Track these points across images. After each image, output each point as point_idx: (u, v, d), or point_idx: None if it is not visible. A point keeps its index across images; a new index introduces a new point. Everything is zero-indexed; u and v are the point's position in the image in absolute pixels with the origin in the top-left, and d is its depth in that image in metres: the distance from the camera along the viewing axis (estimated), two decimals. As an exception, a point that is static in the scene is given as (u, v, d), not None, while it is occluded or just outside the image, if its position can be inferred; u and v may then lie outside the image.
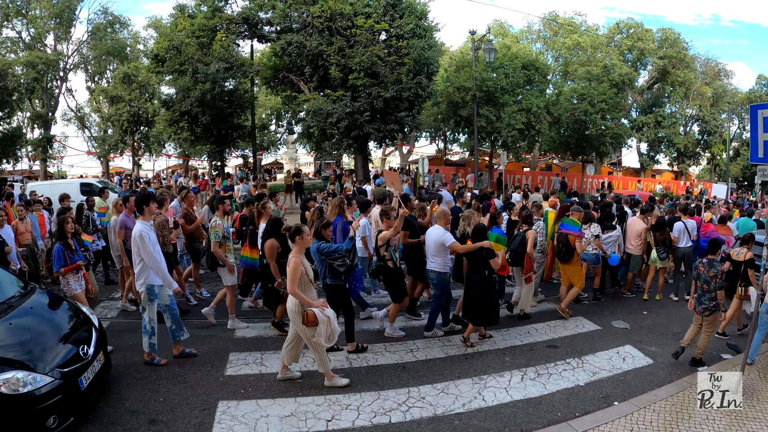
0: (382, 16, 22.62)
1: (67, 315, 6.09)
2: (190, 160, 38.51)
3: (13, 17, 35.57)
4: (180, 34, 23.71)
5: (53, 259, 6.92)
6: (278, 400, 5.75)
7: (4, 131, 31.38)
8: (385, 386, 6.11)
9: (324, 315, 5.64)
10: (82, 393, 5.18)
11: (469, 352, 7.14)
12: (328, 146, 23.09)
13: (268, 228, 7.39)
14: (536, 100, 25.62)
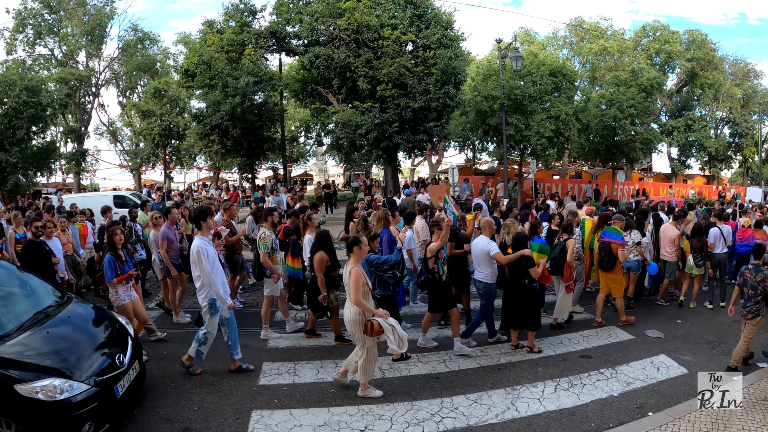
0: (408, 27, 22.71)
1: (103, 324, 6.20)
2: (220, 172, 39.03)
3: (46, 35, 36.60)
4: (209, 49, 24.14)
5: (104, 269, 7.02)
6: (311, 410, 5.78)
7: (39, 145, 32.05)
8: (418, 396, 6.10)
9: (388, 324, 5.70)
10: (117, 401, 5.28)
11: (502, 362, 7.09)
12: (357, 157, 23.22)
13: (317, 241, 7.45)
14: (564, 107, 25.36)
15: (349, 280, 5.74)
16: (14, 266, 7.27)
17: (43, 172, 33.98)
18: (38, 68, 36.88)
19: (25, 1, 35.71)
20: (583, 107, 27.32)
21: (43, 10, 35.97)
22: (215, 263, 6.53)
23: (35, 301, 6.16)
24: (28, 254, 8.04)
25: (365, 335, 5.71)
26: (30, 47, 37.02)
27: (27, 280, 6.61)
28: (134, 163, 36.29)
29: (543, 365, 7.01)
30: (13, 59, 36.51)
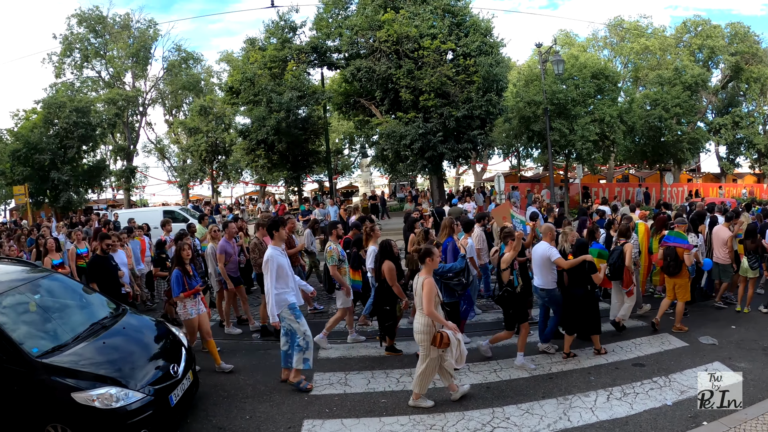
0: (447, 36, 22.73)
1: (158, 335, 6.39)
2: (266, 186, 39.75)
3: (92, 58, 38.01)
4: (252, 66, 24.69)
5: (172, 284, 7.21)
6: (363, 420, 5.82)
7: (90, 163, 33.31)
8: (470, 406, 6.07)
9: (455, 338, 5.74)
10: (171, 409, 5.48)
11: (553, 372, 7.00)
12: (402, 168, 23.33)
13: (381, 251, 7.52)
14: (609, 109, 24.94)
15: (422, 291, 5.78)
16: (70, 279, 7.55)
17: (94, 189, 35.17)
18: (87, 90, 38.30)
19: (71, 26, 37.19)
20: (627, 109, 26.80)
21: (89, 34, 37.42)
22: (287, 272, 6.62)
23: (91, 312, 6.41)
24: (96, 268, 8.19)
25: (432, 346, 5.74)
26: (78, 70, 38.53)
27: (82, 293, 6.91)
28: (182, 179, 37.35)
29: (595, 374, 6.92)
30: (62, 82, 38.04)
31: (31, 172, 28.47)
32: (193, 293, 7.13)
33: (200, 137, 32.88)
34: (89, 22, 37.24)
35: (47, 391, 5.05)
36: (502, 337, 7.40)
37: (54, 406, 5.03)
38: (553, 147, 23.93)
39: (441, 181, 24.44)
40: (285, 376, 6.82)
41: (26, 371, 5.11)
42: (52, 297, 6.47)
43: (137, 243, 11.37)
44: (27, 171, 28.30)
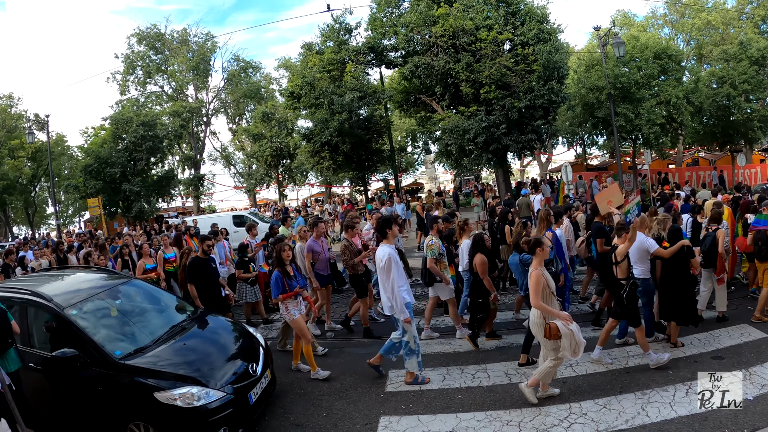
0: (503, 26, 22.58)
1: (237, 335, 6.62)
2: (331, 187, 40.49)
3: (155, 74, 39.73)
4: (311, 70, 25.20)
5: (272, 286, 7.18)
6: (439, 416, 5.83)
7: (159, 174, 34.84)
8: (546, 402, 6.00)
9: (567, 328, 5.66)
10: (251, 407, 5.64)
11: (630, 366, 6.81)
12: (467, 162, 23.25)
13: (474, 245, 7.64)
14: (674, 90, 24.13)
15: (530, 283, 5.81)
16: (148, 284, 7.78)
17: (164, 198, 36.60)
18: (151, 104, 40.09)
19: (131, 45, 38.96)
20: (693, 88, 25.84)
21: (149, 51, 39.20)
22: (400, 270, 6.69)
23: (169, 316, 6.74)
24: (195, 270, 8.21)
25: (545, 338, 5.72)
26: (141, 86, 40.45)
27: (160, 296, 7.24)
28: (249, 184, 38.55)
29: (673, 368, 6.68)
30: (127, 98, 39.96)
31: (104, 184, 30.05)
32: (292, 295, 7.11)
33: (264, 143, 33.81)
34: (148, 40, 39.07)
35: (130, 391, 5.30)
36: (640, 337, 6.89)
37: (137, 406, 5.28)
38: (619, 133, 23.41)
39: (506, 174, 24.24)
40: (376, 361, 6.99)
41: (110, 372, 5.41)
42: (131, 302, 6.83)
43: (221, 246, 11.65)
44: (99, 184, 29.87)
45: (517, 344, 7.80)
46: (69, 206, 47.24)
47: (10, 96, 39.59)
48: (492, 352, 7.76)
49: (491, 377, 6.79)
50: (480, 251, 7.50)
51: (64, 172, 41.16)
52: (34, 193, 43.13)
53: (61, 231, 31.18)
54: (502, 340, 8.06)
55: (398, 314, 6.51)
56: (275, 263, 7.37)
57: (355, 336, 8.74)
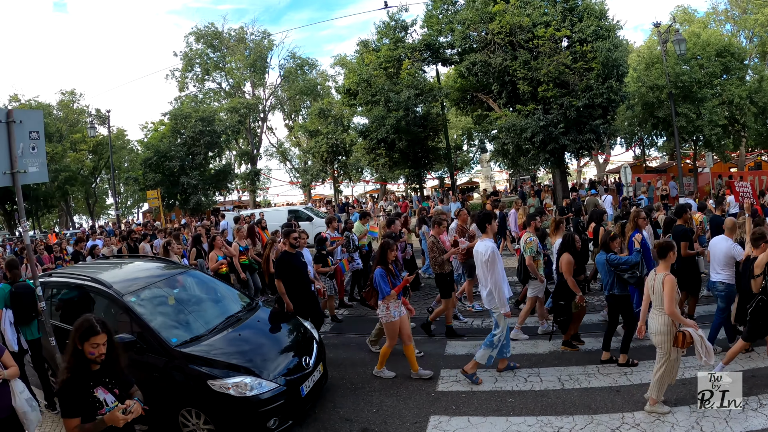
0: (561, 23, 22.31)
1: (291, 328, 6.78)
2: (386, 184, 40.91)
3: (212, 71, 40.87)
4: (367, 67, 25.47)
5: (377, 283, 6.93)
6: (489, 418, 5.82)
7: (216, 168, 35.94)
8: (599, 410, 5.93)
9: (698, 335, 5.51)
10: (302, 399, 5.80)
11: (686, 377, 6.47)
12: (523, 162, 23.12)
13: (563, 244, 7.56)
14: (737, 89, 23.60)
15: (662, 289, 5.57)
16: (205, 275, 8.12)
17: (221, 192, 37.72)
18: (209, 101, 41.24)
19: (190, 43, 40.17)
20: (757, 88, 25.17)
21: (207, 49, 40.29)
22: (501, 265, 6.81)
23: (225, 306, 6.92)
24: (283, 266, 7.95)
25: (673, 347, 5.54)
26: (199, 83, 41.65)
27: (217, 288, 7.44)
28: (304, 180, 39.24)
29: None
30: (186, 95, 41.25)
31: (162, 177, 31.31)
32: (401, 288, 6.99)
33: (320, 139, 34.32)
34: (206, 39, 40.18)
35: (184, 378, 5.50)
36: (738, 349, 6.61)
37: (190, 392, 5.46)
38: (680, 134, 22.97)
39: (564, 175, 23.84)
40: (502, 365, 7.10)
41: (166, 359, 5.62)
42: (188, 291, 7.09)
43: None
44: (158, 177, 31.16)
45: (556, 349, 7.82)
46: (128, 198, 49.25)
47: (72, 92, 41.60)
48: (546, 356, 7.73)
49: (544, 382, 6.77)
50: (568, 251, 7.42)
51: (124, 165, 43.15)
52: (94, 185, 45.29)
53: (120, 221, 32.54)
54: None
55: (500, 307, 6.65)
56: (377, 260, 7.17)
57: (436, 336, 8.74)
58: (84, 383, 3.61)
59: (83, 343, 3.60)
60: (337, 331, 9.67)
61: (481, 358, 6.74)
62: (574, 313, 7.51)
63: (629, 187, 19.47)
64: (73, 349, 3.62)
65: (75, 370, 3.60)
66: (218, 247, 10.85)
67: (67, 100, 41.55)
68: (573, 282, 7.33)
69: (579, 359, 7.45)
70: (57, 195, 38.32)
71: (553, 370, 7.09)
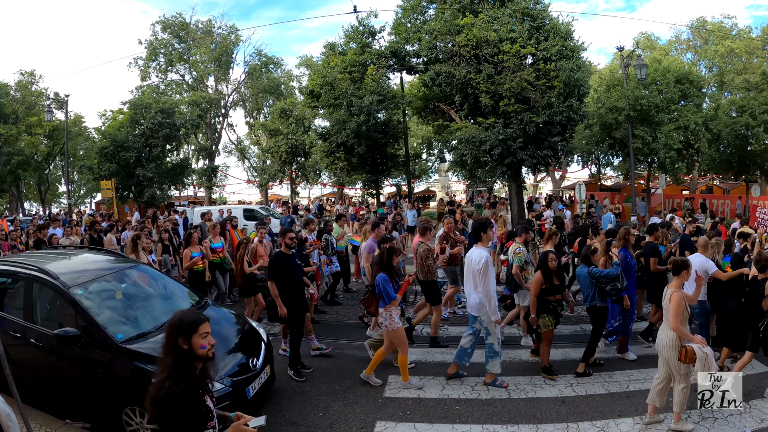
0: (527, 40, 22.48)
1: (239, 329, 6.70)
2: (344, 188, 40.59)
3: (176, 62, 39.96)
4: (332, 70, 25.21)
5: (382, 289, 6.77)
6: (435, 425, 5.88)
7: (173, 162, 35.00)
8: (544, 419, 6.06)
9: (702, 352, 5.53)
10: (248, 401, 5.68)
11: (630, 390, 6.81)
12: (481, 174, 23.22)
13: (539, 261, 7.44)
14: (693, 116, 24.18)
15: (668, 304, 5.65)
16: (155, 270, 7.81)
17: (176, 186, 36.68)
18: (171, 92, 40.35)
19: (156, 32, 39.26)
20: (712, 116, 25.92)
21: (172, 40, 39.45)
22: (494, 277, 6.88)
23: (174, 303, 6.75)
24: (277, 267, 7.45)
25: (679, 361, 5.57)
26: (162, 74, 40.74)
27: (166, 284, 7.29)
28: (262, 179, 38.64)
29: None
30: (148, 85, 40.29)
31: (118, 168, 30.11)
32: (403, 290, 7.00)
33: (280, 139, 33.91)
34: (173, 29, 39.35)
35: (129, 376, 5.35)
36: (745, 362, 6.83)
37: (135, 390, 5.23)
38: (635, 155, 23.42)
39: (520, 188, 24.11)
40: (452, 370, 7.19)
41: (111, 355, 5.46)
42: (137, 286, 6.89)
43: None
44: (113, 167, 29.94)
45: (518, 359, 7.96)
46: (81, 187, 47.73)
47: (31, 73, 40.13)
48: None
49: (490, 390, 6.85)
50: (541, 268, 7.26)
51: (79, 152, 41.80)
52: (48, 171, 43.69)
53: (72, 210, 31.41)
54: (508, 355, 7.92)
55: (492, 315, 6.74)
56: (381, 266, 7.01)
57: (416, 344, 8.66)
58: (197, 391, 3.09)
59: (191, 337, 3.08)
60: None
61: (494, 369, 6.92)
62: (542, 333, 7.30)
63: (583, 204, 19.70)
64: (176, 351, 3.06)
65: (186, 377, 3.04)
66: (194, 243, 10.24)
67: (26, 81, 40.07)
68: (534, 302, 7.22)
69: (526, 369, 7.61)
70: (9, 179, 36.93)
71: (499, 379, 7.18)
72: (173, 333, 3.07)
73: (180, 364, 3.03)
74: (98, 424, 5.63)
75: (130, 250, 9.47)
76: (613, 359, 7.97)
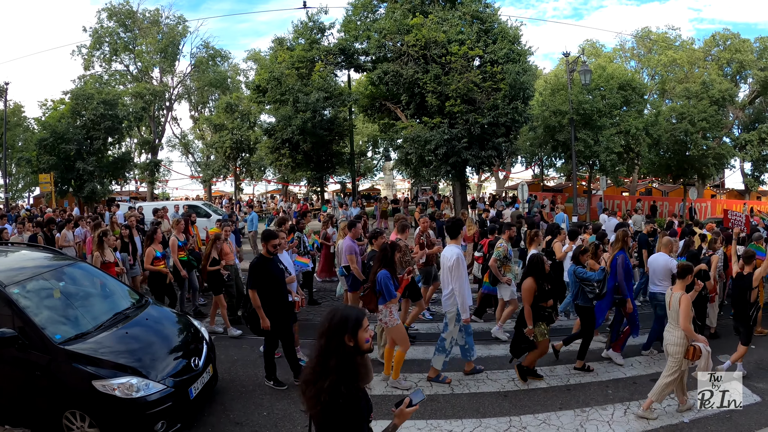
0: (475, 42, 22.61)
1: (180, 328, 6.46)
2: (288, 185, 40.11)
3: (121, 52, 38.63)
4: (280, 65, 24.82)
5: (383, 285, 6.54)
6: (380, 422, 5.57)
7: (115, 155, 33.82)
8: (487, 414, 6.12)
9: (706, 350, 5.85)
10: (190, 402, 5.56)
11: (571, 383, 7.05)
12: (425, 173, 23.26)
13: (528, 265, 7.03)
14: (634, 121, 24.95)
15: (678, 306, 5.91)
16: (94, 268, 7.43)
17: (118, 181, 35.72)
18: (114, 83, 39.01)
19: (101, 20, 37.89)
20: (653, 121, 26.77)
21: (118, 28, 38.18)
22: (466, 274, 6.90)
23: (114, 302, 6.50)
24: (259, 273, 6.71)
25: (685, 359, 5.87)
26: (106, 63, 39.30)
27: (106, 282, 6.97)
28: (205, 174, 37.88)
29: (613, 388, 6.95)
30: (91, 74, 38.88)
31: (57, 161, 29.06)
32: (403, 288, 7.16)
33: (225, 134, 33.25)
34: (119, 17, 38.02)
35: (68, 378, 5.12)
36: (741, 353, 7.22)
37: (74, 393, 5.10)
38: (578, 157, 23.90)
39: (463, 188, 24.26)
40: (468, 368, 7.26)
41: (49, 357, 5.19)
42: (75, 285, 6.59)
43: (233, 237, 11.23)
44: (53, 160, 28.89)
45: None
46: (19, 180, 45.56)
47: (-31, 59, 38.06)
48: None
49: (434, 386, 6.87)
50: (533, 275, 6.79)
51: (18, 143, 39.83)
52: (-17, 163, 41.39)
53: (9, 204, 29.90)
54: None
55: (462, 313, 6.73)
56: (383, 262, 6.71)
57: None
58: (362, 388, 2.88)
59: (357, 333, 2.83)
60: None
61: (437, 364, 6.89)
62: (539, 342, 6.87)
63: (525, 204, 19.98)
64: (340, 350, 2.79)
65: (353, 375, 2.81)
66: (158, 240, 9.50)
67: (-37, 67, 37.96)
68: (529, 312, 6.75)
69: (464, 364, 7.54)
70: (-58, 171, 34.68)
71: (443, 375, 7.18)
72: (338, 332, 2.81)
73: (346, 363, 2.79)
74: (38, 428, 5.37)
75: (96, 247, 8.98)
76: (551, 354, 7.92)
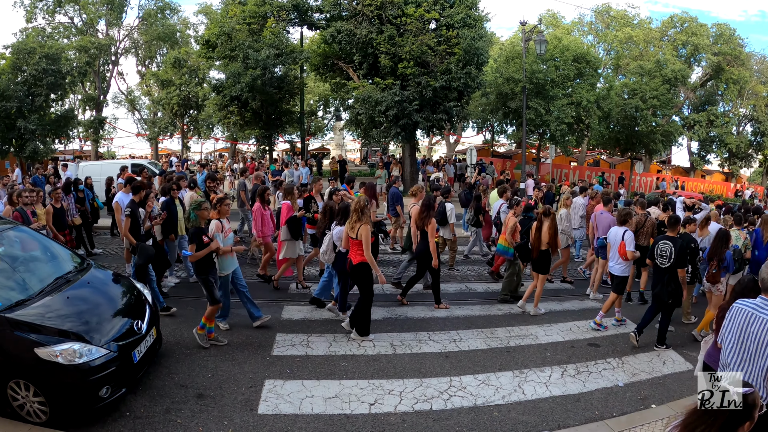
0: (432, 5, 22.29)
1: (122, 291, 6.27)
2: (237, 143, 39.17)
3: (66, 3, 36.47)
4: (231, 20, 24.02)
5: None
6: (323, 382, 5.90)
7: (58, 113, 32.18)
8: (428, 374, 6.23)
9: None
10: (134, 366, 5.43)
11: (511, 345, 7.22)
12: (376, 134, 23.01)
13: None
14: (586, 93, 25.15)
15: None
16: (35, 231, 7.15)
17: (61, 140, 34.10)
18: (58, 36, 36.82)
19: (46, -33, 35.66)
20: (605, 95, 27.06)
21: (63, -23, 35.90)
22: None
23: (56, 266, 6.21)
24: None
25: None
26: (50, 15, 37.00)
27: (48, 245, 6.65)
28: (152, 132, 36.56)
29: (551, 350, 7.13)
30: (33, 27, 36.51)
31: (-4, 119, 27.39)
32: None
33: (173, 90, 32.07)
34: (64, -36, 35.77)
35: (11, 347, 4.92)
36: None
37: (17, 362, 4.89)
38: (528, 125, 23.99)
39: (414, 150, 24.13)
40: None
41: None
42: (14, 249, 6.28)
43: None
44: (-8, 119, 27.22)
45: (404, 316, 8.27)
46: (-44, 141, 43.12)
47: None
48: (380, 322, 7.88)
49: (377, 347, 6.93)
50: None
51: (-46, 101, 37.47)
52: None
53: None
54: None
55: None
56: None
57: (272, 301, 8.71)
58: None
59: None
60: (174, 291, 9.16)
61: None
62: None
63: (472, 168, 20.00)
64: None
65: None
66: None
67: None
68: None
69: (411, 326, 7.82)
70: None
71: (386, 336, 7.35)
72: None
73: None
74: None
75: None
76: (496, 316, 8.36)
